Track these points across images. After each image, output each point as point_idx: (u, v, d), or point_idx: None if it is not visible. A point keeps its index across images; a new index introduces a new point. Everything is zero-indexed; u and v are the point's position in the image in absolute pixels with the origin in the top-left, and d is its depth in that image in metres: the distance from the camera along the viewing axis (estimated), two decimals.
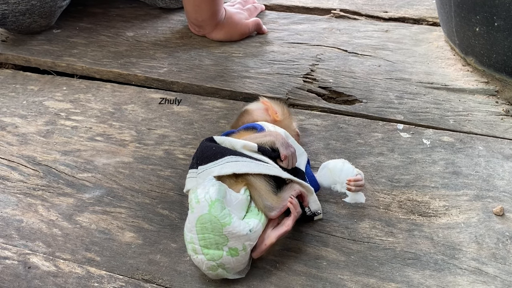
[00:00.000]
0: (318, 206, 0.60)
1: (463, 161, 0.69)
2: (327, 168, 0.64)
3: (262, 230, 0.54)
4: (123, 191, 0.69)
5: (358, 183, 0.61)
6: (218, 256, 0.52)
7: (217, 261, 0.52)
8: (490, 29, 0.78)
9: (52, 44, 1.03)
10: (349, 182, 0.61)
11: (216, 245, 0.52)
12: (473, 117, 0.77)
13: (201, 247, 0.53)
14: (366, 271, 0.56)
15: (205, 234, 0.52)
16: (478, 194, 0.64)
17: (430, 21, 1.06)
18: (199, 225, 0.52)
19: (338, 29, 1.04)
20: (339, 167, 0.63)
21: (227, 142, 0.60)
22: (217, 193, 0.53)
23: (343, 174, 0.62)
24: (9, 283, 0.57)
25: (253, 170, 0.56)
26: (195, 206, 0.53)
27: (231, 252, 0.52)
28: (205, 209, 0.52)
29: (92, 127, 0.81)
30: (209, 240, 0.52)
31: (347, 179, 0.61)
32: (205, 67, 0.92)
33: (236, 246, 0.52)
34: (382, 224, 0.61)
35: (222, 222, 0.52)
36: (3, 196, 0.69)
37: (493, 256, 0.57)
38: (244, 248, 0.53)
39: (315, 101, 0.83)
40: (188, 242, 0.54)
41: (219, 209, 0.52)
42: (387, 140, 0.74)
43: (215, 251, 0.52)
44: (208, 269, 0.53)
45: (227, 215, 0.52)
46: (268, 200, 0.55)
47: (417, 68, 0.90)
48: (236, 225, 0.52)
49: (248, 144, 0.59)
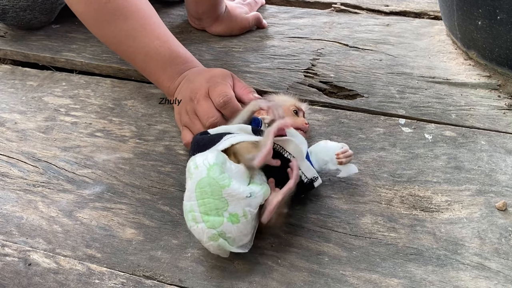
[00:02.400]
0: (313, 172, 0.60)
1: (465, 155, 0.69)
2: (313, 152, 0.64)
3: (262, 199, 0.54)
4: (123, 187, 0.68)
5: (346, 154, 0.62)
6: (218, 223, 0.52)
7: (217, 229, 0.52)
8: (493, 23, 0.77)
9: (51, 39, 1.02)
10: (338, 156, 0.61)
11: (216, 210, 0.51)
12: (475, 111, 0.77)
13: (201, 214, 0.52)
14: (368, 267, 0.56)
15: (204, 199, 0.52)
16: (480, 189, 0.64)
17: (431, 14, 1.05)
18: (198, 190, 0.52)
19: (339, 23, 1.04)
20: (322, 145, 0.63)
21: (222, 129, 0.61)
22: (216, 158, 0.53)
23: (330, 151, 0.62)
24: (10, 280, 0.57)
25: (250, 139, 0.56)
26: (193, 172, 0.53)
27: (231, 218, 0.52)
28: (204, 173, 0.52)
29: (92, 122, 0.80)
30: (209, 205, 0.51)
31: (335, 153, 0.61)
32: (205, 62, 0.91)
33: (236, 212, 0.52)
34: (384, 219, 0.61)
35: (221, 184, 0.51)
36: (3, 193, 0.69)
37: (496, 251, 0.56)
38: (245, 215, 0.52)
39: (316, 96, 0.83)
40: (188, 211, 0.53)
41: (217, 171, 0.52)
42: (389, 135, 0.73)
43: (215, 218, 0.52)
44: (209, 239, 0.52)
45: (226, 178, 0.52)
46: (249, 153, 0.54)
47: (418, 62, 0.89)
48: (236, 187, 0.51)
49: (242, 126, 0.60)
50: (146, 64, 0.76)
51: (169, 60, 0.74)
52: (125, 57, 0.78)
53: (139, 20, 0.74)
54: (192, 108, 0.70)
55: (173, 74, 0.75)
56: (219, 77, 0.70)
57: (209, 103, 0.68)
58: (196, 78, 0.72)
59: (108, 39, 0.77)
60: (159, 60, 0.74)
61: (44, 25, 1.05)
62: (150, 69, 0.76)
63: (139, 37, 0.74)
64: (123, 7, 0.73)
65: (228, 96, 0.67)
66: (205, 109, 0.68)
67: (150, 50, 0.74)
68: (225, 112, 0.67)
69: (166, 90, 0.77)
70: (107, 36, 0.76)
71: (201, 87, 0.69)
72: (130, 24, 0.73)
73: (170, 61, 0.74)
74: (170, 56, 0.74)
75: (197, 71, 0.74)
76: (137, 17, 0.74)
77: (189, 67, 0.76)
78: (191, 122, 0.70)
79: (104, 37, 0.77)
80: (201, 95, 0.69)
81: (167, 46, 0.74)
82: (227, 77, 0.71)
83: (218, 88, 0.68)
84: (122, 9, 0.73)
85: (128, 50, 0.75)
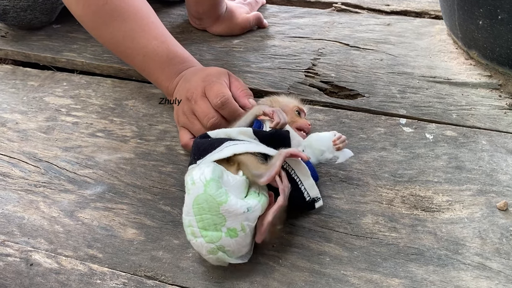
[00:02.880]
0: (316, 191, 0.60)
1: (466, 155, 0.69)
2: (307, 145, 0.64)
3: (260, 212, 0.53)
4: (124, 187, 0.68)
5: (342, 139, 0.63)
6: (217, 238, 0.52)
7: (216, 243, 0.52)
8: (494, 22, 0.77)
9: (52, 39, 1.02)
10: (335, 142, 0.62)
11: (214, 225, 0.51)
12: (476, 111, 0.77)
13: (200, 229, 0.52)
14: (369, 267, 0.56)
15: (202, 214, 0.52)
16: (481, 189, 0.64)
17: (432, 14, 1.05)
18: (195, 206, 0.52)
19: (339, 22, 1.04)
20: (315, 137, 0.64)
21: (222, 133, 0.60)
22: (212, 173, 0.52)
23: (324, 140, 0.63)
24: (11, 281, 0.57)
25: (253, 149, 0.56)
26: (190, 188, 0.53)
27: (229, 233, 0.52)
28: (200, 189, 0.52)
29: (93, 123, 0.80)
30: (207, 221, 0.51)
31: (332, 140, 0.62)
32: (205, 62, 0.92)
33: (234, 226, 0.52)
34: (385, 219, 0.61)
35: (218, 201, 0.51)
36: (4, 193, 0.69)
37: (497, 251, 0.56)
38: (243, 229, 0.52)
39: (317, 96, 0.83)
40: (186, 226, 0.53)
41: (214, 187, 0.51)
42: (390, 135, 0.73)
43: (213, 233, 0.52)
44: (208, 253, 0.53)
45: (223, 194, 0.51)
46: (257, 170, 0.54)
47: (419, 62, 0.89)
48: (233, 203, 0.51)
49: (243, 129, 0.60)
50: (145, 64, 0.76)
51: (167, 60, 0.74)
52: (124, 58, 0.78)
53: (137, 21, 0.74)
54: (190, 108, 0.69)
55: (171, 74, 0.75)
56: (214, 75, 0.70)
57: (206, 103, 0.68)
58: (192, 78, 0.71)
59: (107, 40, 0.77)
60: (157, 60, 0.74)
61: (45, 25, 1.05)
62: (149, 69, 0.76)
63: (137, 38, 0.74)
64: (120, 8, 0.73)
65: (226, 96, 0.67)
66: (204, 110, 0.67)
67: (149, 50, 0.74)
68: (223, 112, 0.67)
69: (165, 90, 0.77)
70: (106, 37, 0.76)
71: (197, 87, 0.69)
72: (128, 25, 0.73)
73: (168, 61, 0.74)
74: (167, 56, 0.74)
75: (194, 70, 0.74)
76: (135, 18, 0.74)
77: (187, 66, 0.76)
78: (189, 122, 0.70)
79: (102, 39, 0.77)
80: (197, 94, 0.68)
81: (165, 46, 0.75)
82: (223, 75, 0.71)
83: (215, 87, 0.67)
84: (119, 10, 0.73)
85: (127, 51, 0.75)
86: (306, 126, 0.67)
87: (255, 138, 0.59)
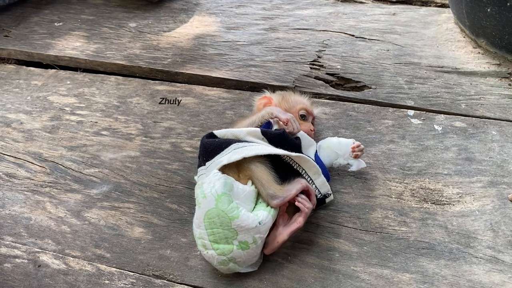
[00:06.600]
0: (327, 188, 0.60)
1: (476, 146, 0.68)
2: (325, 146, 0.64)
3: (271, 222, 0.53)
4: (131, 185, 0.68)
5: (360, 147, 0.63)
6: (228, 250, 0.52)
7: (227, 256, 0.52)
8: (502, 10, 0.75)
9: (54, 37, 1.01)
10: (354, 149, 0.62)
11: (225, 239, 0.51)
12: (485, 100, 0.75)
13: (211, 242, 0.52)
14: (380, 262, 0.55)
15: (213, 229, 0.51)
16: (492, 180, 0.63)
17: (438, 2, 1.03)
18: (207, 220, 0.52)
19: (344, 13, 1.02)
20: (335, 141, 0.64)
21: (229, 134, 0.59)
22: (223, 187, 0.52)
23: (343, 146, 0.63)
24: (20, 282, 0.57)
25: (262, 151, 0.55)
26: (201, 201, 0.52)
27: (241, 245, 0.52)
28: (212, 203, 0.51)
29: (98, 121, 0.80)
30: (218, 234, 0.51)
31: (351, 146, 0.62)
32: (209, 57, 0.91)
33: (246, 239, 0.52)
34: (395, 213, 0.60)
35: (230, 216, 0.51)
36: (11, 194, 0.68)
37: (510, 244, 0.55)
38: (255, 241, 0.52)
39: (322, 88, 0.81)
40: (197, 237, 0.53)
41: (226, 202, 0.51)
42: (398, 127, 0.72)
43: (225, 246, 0.52)
44: (219, 264, 0.53)
45: (235, 209, 0.51)
46: (271, 188, 0.54)
47: (426, 52, 0.87)
48: (245, 218, 0.51)
49: (251, 130, 0.59)
50: None
51: None
52: None
53: None
54: None
55: None
56: None
57: None
58: None
59: None
60: None
61: None
62: None
63: None
64: None
65: None
66: None
67: None
68: None
69: None
70: None
71: None
72: None
73: None
74: None
75: None
76: None
77: None
78: None
79: None
80: None
81: None
82: None
83: None
84: None
85: None
86: (308, 131, 0.66)
87: (263, 139, 0.58)
